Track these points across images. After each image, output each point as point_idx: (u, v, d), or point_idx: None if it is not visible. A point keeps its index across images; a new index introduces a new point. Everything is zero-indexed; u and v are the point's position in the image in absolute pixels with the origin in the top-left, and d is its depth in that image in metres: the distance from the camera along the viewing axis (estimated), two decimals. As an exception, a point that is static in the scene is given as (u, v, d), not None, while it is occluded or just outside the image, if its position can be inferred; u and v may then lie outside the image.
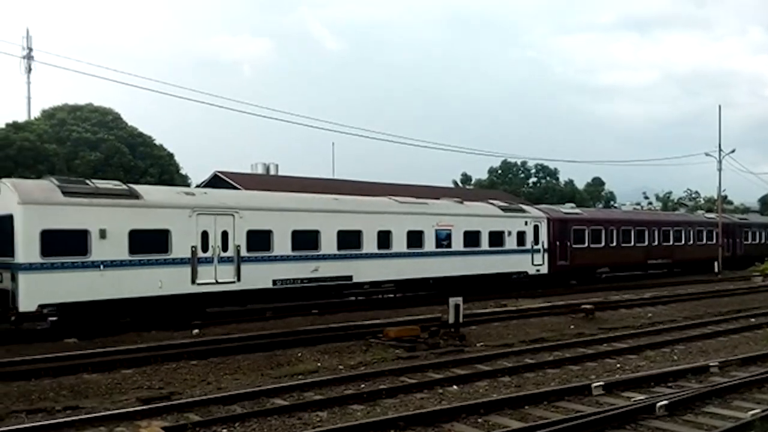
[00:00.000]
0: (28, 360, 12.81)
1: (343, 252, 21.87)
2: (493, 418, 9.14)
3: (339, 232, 21.81)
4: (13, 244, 15.81)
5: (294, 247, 20.60)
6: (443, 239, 25.20)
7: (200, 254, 18.51)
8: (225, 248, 19.02)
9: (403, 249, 23.76)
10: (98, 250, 16.67)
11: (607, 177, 77.03)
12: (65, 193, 16.64)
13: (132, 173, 33.02)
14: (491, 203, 29.52)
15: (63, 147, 33.19)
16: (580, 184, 72.97)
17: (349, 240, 22.13)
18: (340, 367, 13.02)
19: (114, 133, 35.34)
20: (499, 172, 69.95)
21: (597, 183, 75.47)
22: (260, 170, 43.51)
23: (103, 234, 16.76)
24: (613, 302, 23.50)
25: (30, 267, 15.76)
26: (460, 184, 68.98)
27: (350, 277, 22.25)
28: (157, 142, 38.41)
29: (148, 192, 18.72)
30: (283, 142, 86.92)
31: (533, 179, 70.96)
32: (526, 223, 28.75)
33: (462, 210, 26.93)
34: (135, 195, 17.91)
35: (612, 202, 74.24)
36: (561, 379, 11.78)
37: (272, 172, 43.64)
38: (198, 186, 37.16)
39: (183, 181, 38.30)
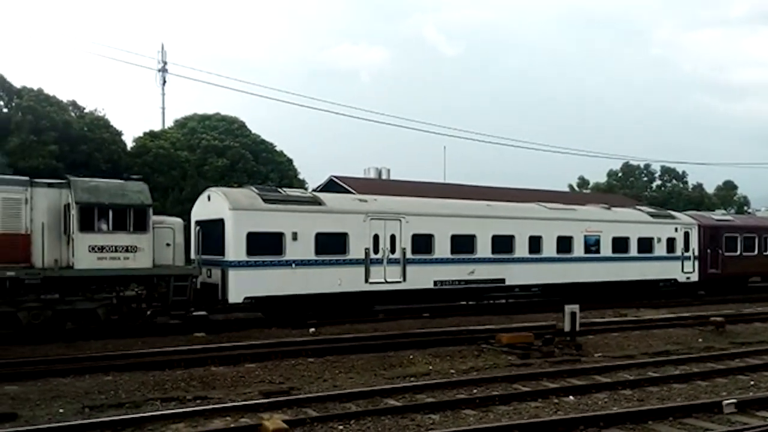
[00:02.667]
0: (163, 352, 13.83)
1: (496, 256, 22.84)
2: (612, 431, 8.78)
3: (493, 236, 22.79)
4: (223, 244, 18.09)
5: (453, 251, 21.83)
6: (592, 245, 25.53)
7: (372, 256, 20.12)
8: (393, 250, 20.58)
9: (553, 254, 24.31)
10: (291, 251, 18.74)
11: (740, 180, 71.39)
12: (265, 200, 18.93)
13: (255, 178, 34.70)
14: (639, 209, 29.57)
15: (193, 154, 35.48)
16: (710, 188, 68.21)
17: (503, 244, 23.10)
18: (452, 371, 13.01)
19: (239, 140, 37.28)
20: (620, 175, 66.79)
21: (729, 187, 70.07)
22: (372, 174, 44.26)
23: (295, 236, 18.80)
24: (747, 315, 21.78)
25: (238, 264, 17.98)
26: (576, 188, 66.59)
27: (503, 280, 23.15)
28: (278, 148, 40.12)
29: (329, 199, 20.76)
30: (395, 146, 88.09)
31: (657, 182, 67.15)
32: (676, 230, 28.31)
33: (610, 216, 27.07)
34: (319, 202, 20.00)
35: (746, 208, 68.71)
36: (688, 395, 11.11)
37: (384, 176, 44.30)
38: (314, 190, 38.49)
39: (300, 185, 39.69)
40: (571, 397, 10.74)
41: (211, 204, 19.18)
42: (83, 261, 15.73)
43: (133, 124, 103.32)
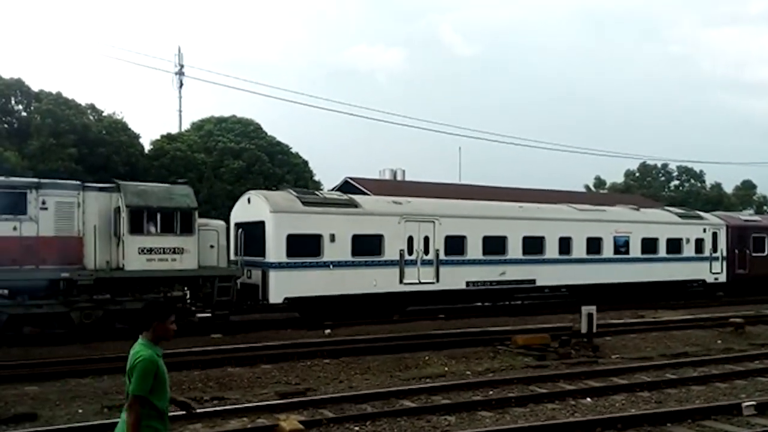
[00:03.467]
0: (180, 353, 13.92)
1: (527, 257, 23.06)
2: (630, 433, 8.72)
3: (524, 237, 23.03)
4: (264, 246, 18.47)
5: (485, 252, 22.14)
6: (621, 246, 25.65)
7: (406, 257, 20.48)
8: (426, 252, 20.90)
9: (583, 255, 24.50)
10: (328, 252, 19.17)
11: (760, 180, 70.40)
12: (303, 203, 19.34)
13: (271, 180, 34.87)
14: (667, 210, 29.68)
15: (210, 156, 35.75)
16: (728, 188, 67.38)
17: (533, 245, 23.33)
18: (467, 372, 12.99)
19: (255, 142, 37.48)
20: (637, 175, 66.22)
21: (747, 186, 69.18)
22: (387, 176, 44.25)
23: (332, 238, 19.22)
24: (766, 316, 21.49)
25: (279, 265, 18.44)
26: (593, 189, 66.11)
27: (533, 281, 23.40)
28: (293, 150, 40.28)
29: (364, 201, 21.18)
30: (410, 147, 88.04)
31: (675, 182, 66.48)
32: (704, 230, 28.32)
33: (639, 217, 27.22)
34: (355, 204, 20.38)
35: (766, 207, 67.79)
36: (707, 397, 10.99)
37: (399, 177, 44.28)
38: (330, 191, 38.55)
39: (316, 187, 39.79)
40: (588, 399, 10.67)
41: (251, 207, 19.64)
42: (133, 262, 16.27)
43: (150, 126, 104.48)
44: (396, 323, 19.61)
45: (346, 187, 38.53)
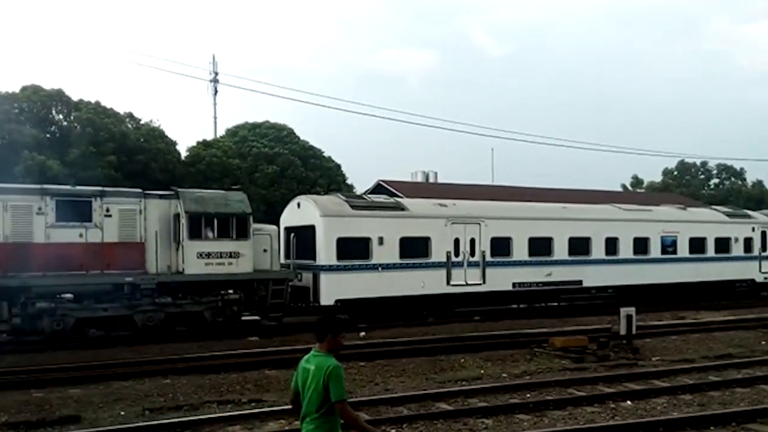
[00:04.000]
0: (219, 355, 14.14)
1: (573, 258, 23.08)
2: (673, 437, 8.54)
3: (570, 238, 23.06)
4: (314, 249, 19.00)
5: (530, 253, 22.22)
6: (668, 246, 25.46)
7: (453, 259, 20.75)
8: (472, 253, 21.16)
9: (630, 255, 24.37)
10: (377, 255, 19.60)
11: (803, 176, 68.14)
12: (352, 207, 19.89)
13: (304, 184, 35.14)
14: (715, 209, 29.34)
15: (245, 161, 36.19)
16: (771, 185, 65.33)
17: (579, 246, 23.34)
18: (504, 375, 12.87)
19: (288, 147, 37.84)
20: (675, 173, 64.82)
21: (791, 183, 67.10)
22: (420, 178, 44.22)
23: (381, 241, 19.71)
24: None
25: (329, 268, 19.03)
26: (629, 188, 64.93)
27: (580, 282, 23.44)
28: (326, 153, 40.52)
29: (411, 204, 21.54)
30: (443, 149, 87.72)
31: (714, 180, 64.88)
32: (753, 229, 28.02)
33: (686, 216, 27.08)
34: (401, 207, 20.86)
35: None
36: (751, 400, 10.69)
37: (431, 179, 44.18)
38: (363, 194, 38.64)
39: (349, 190, 39.97)
40: (628, 402, 10.48)
41: (300, 211, 20.15)
42: (193, 266, 16.94)
43: (186, 133, 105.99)
44: (430, 326, 19.56)
45: (379, 189, 38.59)
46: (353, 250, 19.25)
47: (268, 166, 35.99)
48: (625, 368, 13.27)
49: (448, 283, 20.68)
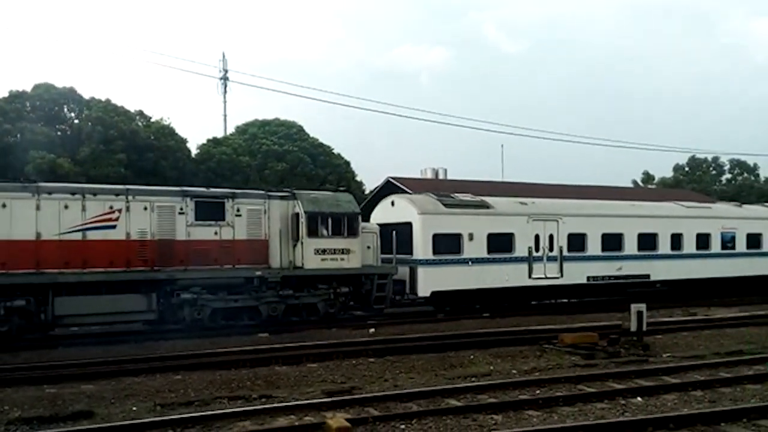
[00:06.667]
0: (229, 351, 14.22)
1: (642, 252, 24.25)
2: (683, 433, 8.51)
3: (639, 234, 24.23)
4: (412, 245, 20.29)
5: (603, 248, 23.42)
6: (728, 241, 26.60)
7: (534, 253, 21.99)
8: (551, 248, 22.39)
9: (693, 250, 25.55)
10: (468, 250, 21.03)
11: (818, 172, 67.31)
12: (444, 205, 21.19)
13: (313, 181, 35.23)
14: (767, 205, 30.58)
15: (254, 159, 36.35)
16: (784, 181, 64.71)
17: (647, 242, 24.48)
18: (514, 371, 12.86)
19: (298, 144, 37.96)
20: (686, 169, 64.38)
21: (805, 178, 66.41)
22: (429, 175, 44.14)
23: (470, 237, 21.10)
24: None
25: (426, 262, 20.47)
26: (640, 183, 64.58)
27: (647, 276, 24.53)
28: (335, 151, 40.56)
29: (495, 202, 22.64)
30: (453, 146, 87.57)
31: (727, 176, 64.38)
32: None
33: (743, 213, 28.26)
34: (487, 205, 22.04)
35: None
36: (762, 396, 10.62)
37: (441, 176, 44.10)
38: (372, 192, 38.67)
39: (358, 187, 40.01)
40: (638, 399, 10.44)
41: (395, 209, 21.65)
42: (310, 262, 18.53)
43: (196, 131, 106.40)
44: (440, 322, 19.60)
45: (388, 186, 38.55)
46: (447, 245, 20.62)
47: (278, 164, 36.12)
48: (635, 365, 13.21)
49: (529, 276, 21.96)
